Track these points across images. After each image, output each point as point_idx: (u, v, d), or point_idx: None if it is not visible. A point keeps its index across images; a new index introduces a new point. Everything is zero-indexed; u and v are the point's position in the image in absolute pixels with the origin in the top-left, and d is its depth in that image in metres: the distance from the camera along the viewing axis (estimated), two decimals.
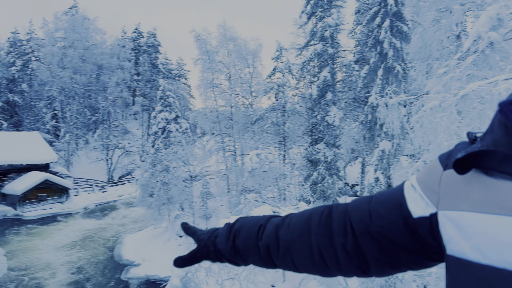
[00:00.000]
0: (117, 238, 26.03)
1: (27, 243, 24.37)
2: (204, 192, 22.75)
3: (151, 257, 21.45)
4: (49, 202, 34.92)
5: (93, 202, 38.32)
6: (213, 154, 24.26)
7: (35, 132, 41.32)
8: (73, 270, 19.96)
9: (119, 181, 48.47)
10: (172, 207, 24.89)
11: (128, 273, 19.73)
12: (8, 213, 31.95)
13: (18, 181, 34.10)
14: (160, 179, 24.84)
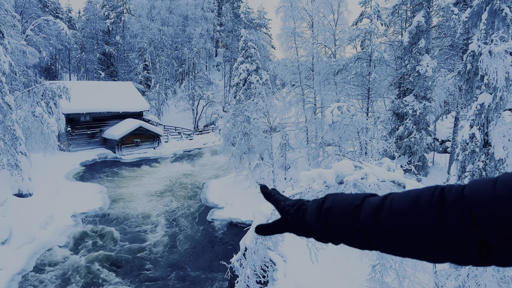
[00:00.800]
0: (202, 182, 27.91)
1: (125, 183, 27.29)
2: (283, 144, 23.01)
3: (233, 202, 22.74)
4: (143, 147, 38.29)
5: (181, 148, 41.14)
6: (293, 106, 24.12)
7: (129, 82, 44.65)
8: (165, 209, 22.04)
9: (204, 130, 51.07)
10: (253, 156, 25.73)
11: (213, 215, 21.25)
12: (109, 155, 35.82)
13: (115, 127, 37.68)
14: (241, 130, 25.62)
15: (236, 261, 7.61)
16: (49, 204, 20.60)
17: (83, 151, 35.56)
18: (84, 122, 36.57)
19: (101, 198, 23.23)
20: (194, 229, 19.44)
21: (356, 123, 15.85)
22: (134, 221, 20.08)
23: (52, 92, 20.48)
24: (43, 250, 16.13)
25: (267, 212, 7.09)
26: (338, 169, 7.68)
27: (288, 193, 7.52)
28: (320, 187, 7.41)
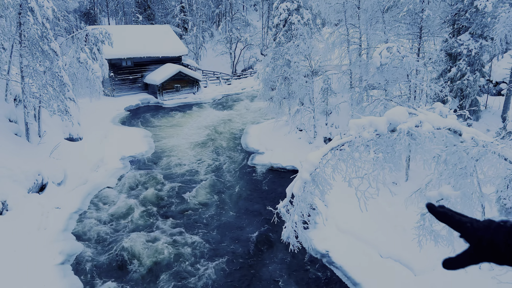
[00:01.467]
0: (242, 127, 28.08)
1: (168, 128, 27.95)
2: (325, 88, 22.30)
3: (273, 147, 22.83)
4: (183, 92, 38.63)
5: (220, 93, 41.17)
6: (336, 48, 22.93)
7: (166, 26, 44.13)
8: (206, 154, 22.54)
9: (242, 75, 50.48)
10: (293, 101, 25.28)
11: (254, 160, 21.54)
12: (151, 100, 36.53)
13: (156, 72, 37.99)
14: (281, 74, 24.98)
15: (283, 207, 7.68)
16: (98, 148, 21.61)
17: (127, 96, 36.46)
18: (125, 67, 37.07)
19: (146, 142, 24.04)
20: (235, 173, 19.87)
21: (407, 65, 14.89)
22: (177, 164, 20.76)
23: (95, 38, 20.63)
24: (95, 191, 17.18)
25: (315, 161, 6.97)
26: (390, 117, 7.31)
27: (336, 142, 7.31)
28: (370, 136, 7.13)
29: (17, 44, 16.81)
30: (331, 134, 21.81)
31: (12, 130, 17.77)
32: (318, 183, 7.05)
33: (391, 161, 7.06)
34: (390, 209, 14.58)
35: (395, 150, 7.07)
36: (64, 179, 17.40)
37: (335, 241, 13.10)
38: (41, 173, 16.10)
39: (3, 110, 18.05)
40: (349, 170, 7.08)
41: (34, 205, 14.50)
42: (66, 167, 18.00)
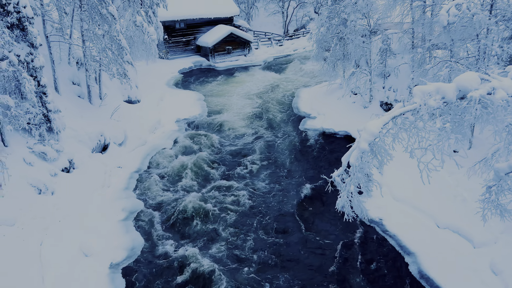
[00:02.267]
0: (294, 90, 27.61)
1: (220, 91, 28.17)
2: (384, 49, 21.02)
3: (325, 112, 22.30)
4: (234, 54, 38.43)
5: (271, 55, 40.45)
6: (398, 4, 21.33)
7: None
8: (258, 118, 22.56)
9: (294, 35, 49.03)
10: (348, 63, 24.23)
11: (305, 125, 21.25)
12: (203, 63, 36.80)
13: (208, 34, 37.94)
14: (337, 34, 23.87)
15: (338, 176, 7.53)
16: (155, 110, 22.37)
17: (180, 59, 36.97)
18: (179, 29, 37.35)
19: (200, 105, 24.49)
20: (286, 138, 19.78)
21: (477, 23, 13.56)
22: (229, 127, 21.01)
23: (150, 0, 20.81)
24: (154, 151, 17.95)
25: (375, 130, 6.66)
26: (460, 83, 6.74)
27: (398, 111, 6.91)
28: (437, 104, 6.64)
29: (78, 8, 17.39)
30: (389, 98, 20.82)
31: (75, 93, 18.78)
32: (376, 153, 6.78)
33: (459, 131, 6.58)
34: (450, 178, 13.87)
35: (463, 119, 6.56)
36: (124, 140, 18.31)
37: (389, 210, 12.81)
38: (103, 134, 17.03)
39: (66, 73, 19.04)
40: (411, 140, 6.71)
41: (98, 164, 15.49)
42: (126, 129, 18.88)
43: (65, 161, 14.27)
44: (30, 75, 13.39)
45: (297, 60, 37.29)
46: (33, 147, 13.55)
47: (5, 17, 12.70)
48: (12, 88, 13.28)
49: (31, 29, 13.21)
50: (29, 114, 13.50)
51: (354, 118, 20.31)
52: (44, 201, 12.14)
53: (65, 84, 18.36)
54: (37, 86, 13.74)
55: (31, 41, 13.33)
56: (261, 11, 54.04)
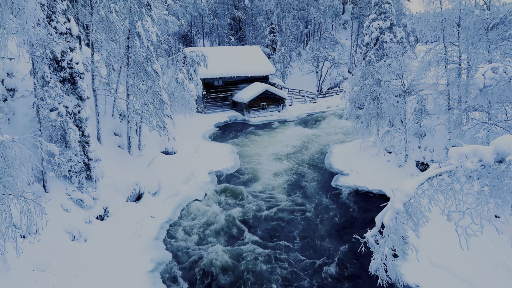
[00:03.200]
0: (326, 147, 27.65)
1: (253, 145, 28.64)
2: (419, 109, 20.99)
3: (359, 169, 22.03)
4: (268, 110, 39.48)
5: (305, 112, 41.21)
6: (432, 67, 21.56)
7: (256, 46, 45.75)
8: (291, 172, 22.56)
9: (328, 93, 50.00)
10: (382, 122, 24.23)
11: (337, 181, 20.99)
12: (238, 117, 37.93)
13: (244, 91, 39.44)
14: (370, 93, 24.18)
15: (371, 237, 7.30)
16: (189, 162, 22.93)
17: (216, 113, 38.36)
18: (217, 86, 39.16)
19: (232, 157, 24.90)
20: (319, 194, 19.53)
21: None
22: (262, 181, 21.08)
23: (192, 60, 22.23)
24: (185, 202, 18.17)
25: (410, 191, 6.53)
26: (498, 146, 6.58)
27: (434, 171, 6.78)
28: (474, 166, 6.48)
29: (125, 66, 18.77)
30: (425, 158, 20.39)
31: (116, 143, 19.70)
32: (412, 215, 6.58)
33: (498, 196, 6.33)
34: (492, 244, 13.07)
35: (503, 183, 6.33)
36: (158, 189, 18.73)
37: (427, 276, 12.07)
38: (139, 183, 17.53)
39: (109, 124, 20.15)
40: (448, 203, 6.50)
41: (131, 213, 15.80)
42: (161, 179, 19.36)
43: (100, 209, 14.69)
44: (75, 125, 14.30)
45: (330, 116, 37.72)
46: (71, 194, 14.11)
47: (59, 72, 13.86)
48: (58, 137, 14.16)
49: (80, 83, 14.30)
50: (71, 162, 14.23)
51: (389, 176, 19.91)
52: (77, 247, 12.40)
53: (107, 135, 19.37)
54: (81, 136, 14.59)
55: (80, 94, 14.37)
56: (296, 70, 56.00)
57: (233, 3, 61.21)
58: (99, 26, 17.29)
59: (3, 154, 6.65)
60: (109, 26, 17.23)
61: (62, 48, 13.58)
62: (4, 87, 14.65)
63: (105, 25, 17.20)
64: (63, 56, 13.77)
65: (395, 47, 22.73)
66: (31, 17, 7.64)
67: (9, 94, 14.81)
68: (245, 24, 60.29)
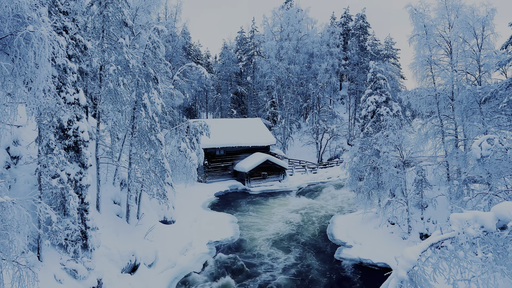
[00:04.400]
0: (328, 217, 27.23)
1: (254, 214, 28.25)
2: (419, 180, 21.08)
3: (362, 241, 21.49)
4: (269, 180, 39.57)
5: (305, 182, 41.24)
6: (429, 139, 22.08)
7: (257, 119, 47.22)
8: (292, 243, 21.97)
9: (328, 164, 50.46)
10: (383, 192, 24.15)
11: (341, 253, 20.36)
12: (239, 187, 37.87)
13: (245, 160, 39.88)
14: (370, 164, 24.43)
15: None
16: (188, 231, 22.46)
17: (217, 183, 38.38)
18: (218, 156, 39.70)
19: (232, 227, 24.42)
20: (322, 267, 18.84)
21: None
22: (262, 253, 20.46)
23: (195, 129, 22.85)
24: (182, 275, 17.47)
25: (413, 257, 6.37)
26: (498, 212, 6.56)
27: (436, 238, 6.67)
28: (476, 232, 6.40)
29: (129, 135, 19.24)
30: (428, 229, 19.99)
31: (115, 211, 19.50)
32: (416, 284, 6.34)
33: (503, 263, 6.16)
34: None
35: (507, 250, 6.21)
36: (155, 260, 18.12)
37: None
38: (135, 253, 17.02)
39: (110, 192, 20.11)
40: (453, 271, 6.30)
41: (126, 286, 15.13)
42: (158, 249, 18.83)
43: (94, 280, 14.10)
44: (76, 192, 14.28)
45: (331, 187, 37.65)
46: (65, 264, 13.64)
47: (64, 140, 14.18)
48: (58, 205, 14.06)
49: (84, 151, 14.53)
50: (68, 230, 13.96)
51: (393, 249, 19.35)
52: None
53: (106, 203, 19.25)
54: (80, 203, 14.50)
55: (83, 162, 14.55)
56: (296, 141, 57.15)
57: (236, 79, 64.40)
58: (107, 98, 18.07)
59: (1, 216, 6.61)
60: (116, 98, 18.01)
61: (69, 117, 14.07)
62: (8, 155, 14.92)
63: (112, 97, 17.98)
64: (69, 125, 14.19)
65: (392, 119, 23.45)
66: (42, 85, 8.08)
67: (13, 161, 15.02)
68: (247, 98, 62.86)
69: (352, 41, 64.91)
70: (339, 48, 62.90)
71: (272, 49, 56.04)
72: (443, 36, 20.17)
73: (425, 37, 20.11)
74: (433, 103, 20.97)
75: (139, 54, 19.49)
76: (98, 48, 18.30)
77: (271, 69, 54.53)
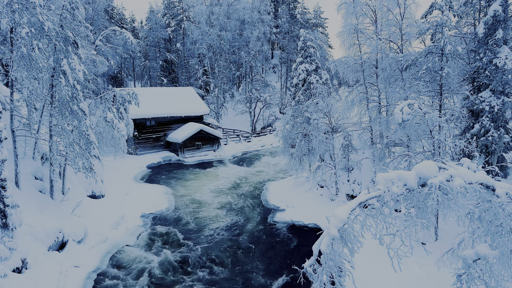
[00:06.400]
0: (262, 184, 27.88)
1: (189, 185, 27.99)
2: (346, 145, 22.25)
3: (294, 204, 22.39)
4: (203, 150, 39.24)
5: (240, 150, 41.59)
6: (355, 106, 23.26)
7: (189, 88, 46.02)
8: (227, 211, 22.23)
9: (261, 132, 51.25)
10: (313, 158, 25.19)
11: (274, 217, 21.07)
12: (172, 158, 37.11)
13: (178, 131, 38.97)
14: (301, 131, 25.19)
15: (309, 267, 7.28)
16: (119, 205, 21.65)
17: (149, 154, 37.18)
18: (149, 126, 38.24)
19: (167, 199, 24.00)
20: (256, 231, 19.37)
21: (429, 121, 14.80)
22: (198, 221, 20.46)
23: (122, 98, 21.59)
24: (115, 249, 16.91)
25: (343, 216, 6.70)
26: (420, 171, 7.09)
27: (364, 197, 7.07)
28: (400, 190, 6.88)
29: (48, 105, 17.65)
30: (354, 190, 21.36)
31: (37, 188, 18.08)
32: (346, 240, 6.71)
33: (424, 217, 6.73)
34: (421, 271, 13.74)
35: (427, 205, 6.77)
36: (84, 236, 17.28)
37: None
38: (62, 230, 16.06)
39: (29, 167, 18.52)
40: (379, 227, 6.76)
41: (53, 264, 14.29)
42: (87, 225, 17.95)
43: (18, 261, 13.09)
44: None
45: (265, 155, 38.43)
46: None
47: None
48: None
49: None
50: None
51: (322, 210, 20.44)
52: None
53: (26, 179, 17.73)
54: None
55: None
56: (230, 110, 56.96)
57: (165, 46, 61.66)
58: (20, 64, 16.22)
59: None
60: (31, 64, 16.24)
61: None
62: None
63: (26, 63, 16.18)
64: None
65: (322, 87, 24.17)
66: None
67: None
68: (177, 66, 60.72)
69: (282, 8, 65.00)
70: (270, 15, 62.65)
71: (202, 14, 54.16)
72: (369, 5, 20.88)
73: (352, 5, 20.67)
74: (359, 71, 21.91)
75: (56, 16, 17.64)
76: (7, 8, 16.17)
77: (202, 36, 52.90)
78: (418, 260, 14.06)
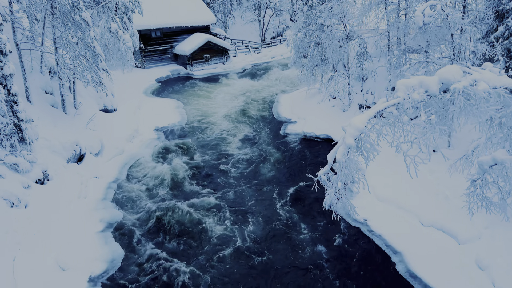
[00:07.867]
0: (274, 96, 27.57)
1: (199, 99, 27.85)
2: (361, 52, 21.27)
3: (306, 116, 22.31)
4: (212, 62, 38.25)
5: (249, 63, 40.43)
6: (373, 9, 21.69)
7: None
8: (238, 123, 22.34)
9: (271, 42, 49.30)
10: (326, 68, 24.38)
11: (286, 129, 21.16)
12: (181, 71, 36.44)
13: (185, 42, 37.63)
14: (314, 39, 24.01)
15: (323, 175, 7.37)
16: (132, 119, 21.84)
17: (157, 68, 36.47)
18: (155, 38, 36.90)
19: (178, 112, 24.08)
20: (268, 143, 19.62)
21: (452, 23, 13.82)
22: (209, 134, 20.72)
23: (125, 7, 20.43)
24: (132, 160, 17.44)
25: (360, 125, 6.55)
26: (443, 76, 6.72)
27: (382, 105, 6.83)
28: (421, 97, 6.60)
29: (49, 15, 16.83)
30: (367, 100, 21.00)
31: (49, 102, 18.12)
32: (362, 149, 6.66)
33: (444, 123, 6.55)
34: (431, 176, 13.96)
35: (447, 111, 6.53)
36: (101, 149, 17.74)
37: (373, 210, 12.75)
38: (78, 143, 16.44)
39: (38, 82, 18.37)
40: (397, 135, 6.63)
41: (73, 175, 14.88)
42: (103, 138, 18.31)
43: (39, 173, 13.63)
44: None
45: (275, 66, 37.43)
46: (4, 159, 12.88)
47: None
48: None
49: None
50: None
51: (334, 121, 20.37)
52: (17, 214, 11.50)
53: (37, 94, 17.69)
54: (7, 95, 13.12)
55: (0, 48, 12.75)
56: (237, 19, 54.20)
57: None
58: None
59: None
60: None
61: None
62: None
63: None
64: None
65: None
66: None
67: None
68: None
69: None
70: None
71: None
72: None
73: None
74: None
75: None
76: None
77: None
78: (429, 167, 14.21)
